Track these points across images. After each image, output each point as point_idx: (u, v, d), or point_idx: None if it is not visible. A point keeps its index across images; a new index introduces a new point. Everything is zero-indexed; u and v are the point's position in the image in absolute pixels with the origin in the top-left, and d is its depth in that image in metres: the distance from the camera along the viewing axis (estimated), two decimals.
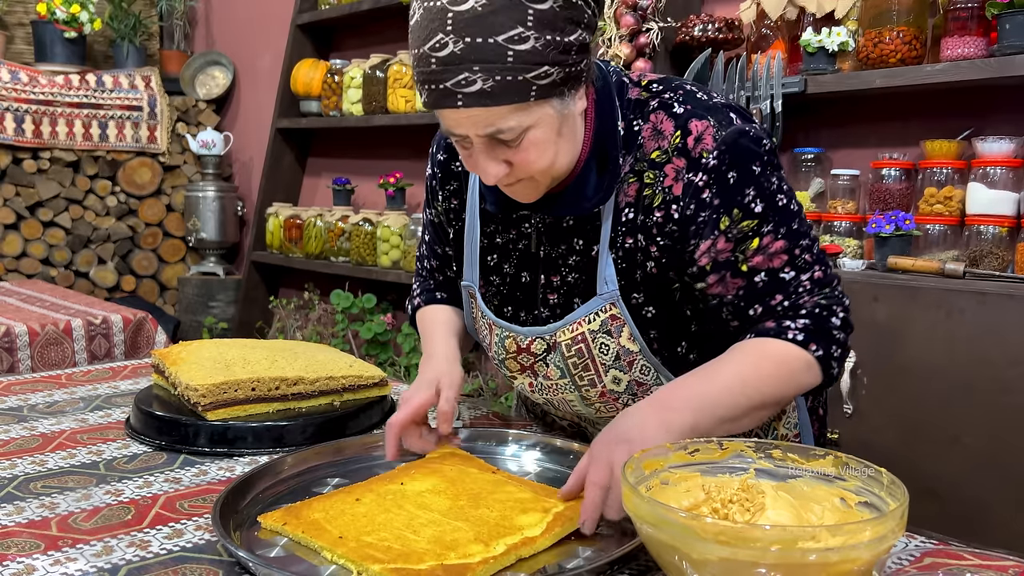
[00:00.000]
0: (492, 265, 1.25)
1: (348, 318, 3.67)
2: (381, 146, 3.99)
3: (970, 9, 2.07)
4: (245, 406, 1.28)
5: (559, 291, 1.19)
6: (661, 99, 1.12)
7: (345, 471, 1.13)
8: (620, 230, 1.13)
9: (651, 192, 1.11)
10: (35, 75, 4.26)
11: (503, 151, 1.03)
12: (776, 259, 1.09)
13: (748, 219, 1.08)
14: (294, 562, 0.89)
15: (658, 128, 1.11)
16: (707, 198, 1.08)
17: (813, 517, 0.83)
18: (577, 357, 1.18)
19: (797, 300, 1.10)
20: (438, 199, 1.31)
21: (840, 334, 1.10)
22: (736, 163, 1.07)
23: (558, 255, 1.19)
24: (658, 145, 1.10)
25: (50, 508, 1.01)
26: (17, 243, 4.22)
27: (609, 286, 1.14)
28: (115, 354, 2.66)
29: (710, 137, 1.07)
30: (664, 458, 0.90)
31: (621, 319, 1.14)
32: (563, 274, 1.19)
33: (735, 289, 1.11)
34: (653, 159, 1.10)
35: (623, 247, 1.13)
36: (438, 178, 1.31)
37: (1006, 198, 2.07)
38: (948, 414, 1.92)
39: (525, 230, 1.21)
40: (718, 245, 1.09)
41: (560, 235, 1.18)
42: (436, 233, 1.36)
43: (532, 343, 1.21)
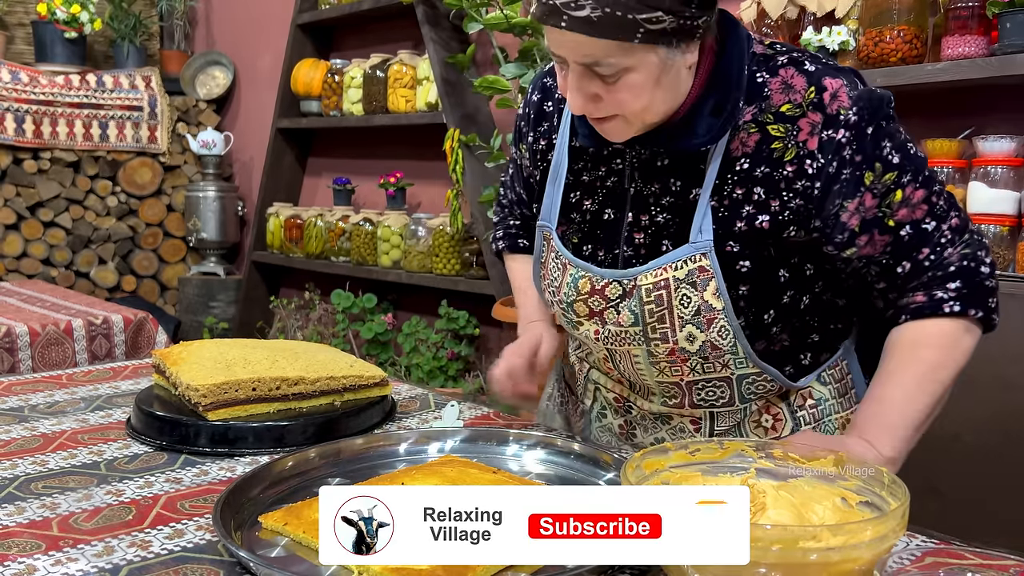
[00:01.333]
0: (573, 202, 1.23)
1: (349, 318, 3.67)
2: (381, 146, 3.99)
3: (971, 8, 2.07)
4: (246, 406, 1.28)
5: (647, 231, 1.16)
6: (790, 56, 1.12)
7: (346, 471, 1.13)
8: (730, 178, 1.11)
9: (781, 145, 1.09)
10: (35, 75, 4.26)
11: (596, 84, 1.03)
12: (918, 210, 1.10)
13: (889, 171, 1.08)
14: (295, 562, 0.89)
15: (788, 83, 1.09)
16: (848, 155, 1.07)
17: (814, 517, 0.83)
18: (655, 304, 1.13)
19: (942, 253, 1.10)
20: (526, 140, 1.32)
21: (991, 282, 1.11)
22: (872, 119, 1.08)
23: (650, 193, 1.16)
24: (789, 99, 1.09)
25: (51, 508, 1.01)
26: (18, 243, 4.22)
27: (704, 235, 1.11)
28: (116, 354, 2.67)
29: (844, 95, 1.08)
30: (665, 458, 0.90)
31: (709, 272, 1.11)
32: (652, 214, 1.16)
33: (883, 247, 1.11)
34: (783, 112, 1.09)
35: (730, 195, 1.11)
36: (529, 119, 1.31)
37: (1007, 197, 2.07)
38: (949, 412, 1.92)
39: (616, 166, 1.19)
40: (865, 203, 1.09)
41: (655, 173, 1.16)
42: (519, 173, 1.40)
43: (608, 286, 1.17)
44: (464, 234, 3.31)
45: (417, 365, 3.39)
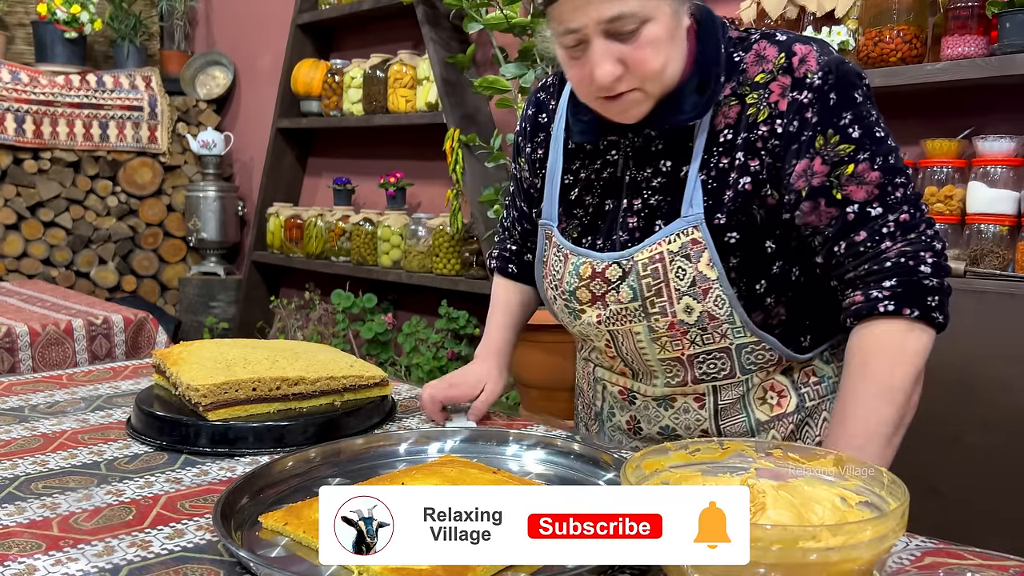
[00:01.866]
0: (574, 199, 1.29)
1: (349, 318, 3.67)
2: (381, 146, 3.99)
3: (970, 8, 2.07)
4: (246, 406, 1.28)
5: (640, 214, 1.21)
6: (763, 32, 1.19)
7: (346, 471, 1.13)
8: (715, 151, 1.16)
9: (755, 109, 1.14)
10: (36, 75, 4.26)
11: (618, 49, 1.07)
12: (868, 190, 1.10)
13: (845, 143, 1.10)
14: (295, 562, 0.89)
15: (761, 54, 1.16)
16: (808, 116, 1.11)
17: (814, 517, 0.83)
18: (652, 278, 1.18)
19: (879, 244, 1.10)
20: (524, 152, 1.39)
21: (932, 281, 1.09)
22: (837, 86, 1.11)
23: (643, 178, 1.21)
24: (762, 68, 1.15)
25: (51, 508, 1.01)
26: (18, 243, 4.22)
27: (694, 208, 1.15)
28: (116, 354, 2.67)
29: (813, 60, 1.12)
30: (665, 458, 0.90)
31: (702, 243, 1.15)
32: (645, 197, 1.21)
33: (828, 219, 1.12)
34: (757, 81, 1.14)
35: (716, 167, 1.16)
36: (526, 132, 1.38)
37: (1007, 197, 2.07)
38: (949, 413, 1.92)
39: (612, 157, 1.25)
40: (814, 167, 1.11)
41: (648, 157, 1.21)
42: (519, 187, 1.44)
43: (608, 268, 1.21)
44: (464, 234, 3.31)
45: (417, 365, 3.39)
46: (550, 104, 1.35)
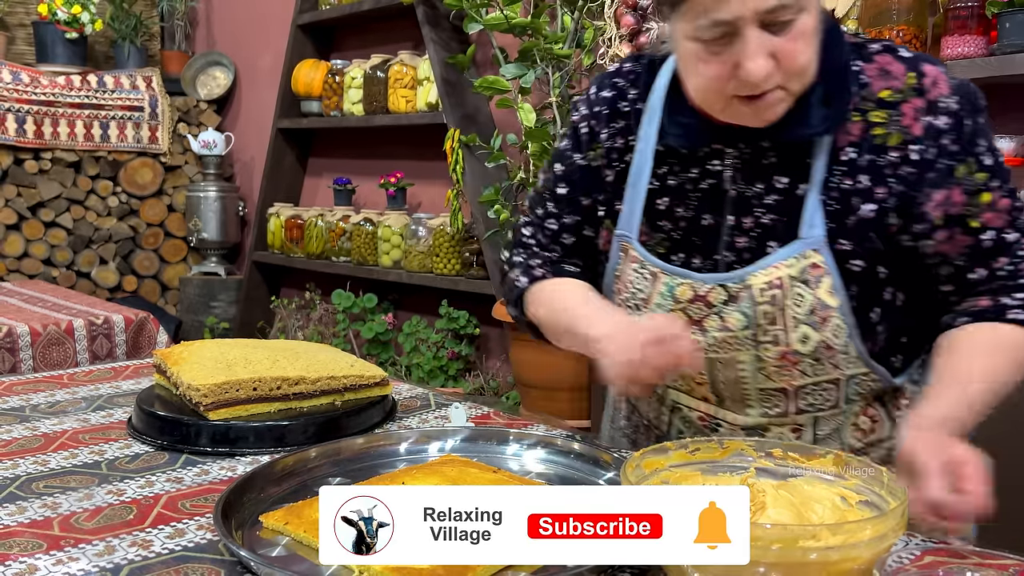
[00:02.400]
0: (662, 209, 1.16)
1: (349, 318, 3.67)
2: (382, 146, 3.99)
3: (970, 8, 2.07)
4: (247, 406, 1.28)
5: (750, 233, 1.11)
6: (883, 43, 1.11)
7: (346, 470, 1.13)
8: (837, 169, 1.07)
9: (884, 131, 1.07)
10: (36, 76, 4.26)
11: (769, 41, 0.98)
12: (1001, 218, 1.07)
13: (981, 171, 1.06)
14: (296, 561, 0.89)
15: (885, 69, 1.08)
16: (946, 143, 1.06)
17: (814, 516, 0.83)
18: (769, 304, 1.08)
19: (1018, 265, 1.07)
20: (598, 139, 1.22)
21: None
22: (972, 112, 1.07)
23: (754, 194, 1.11)
24: (888, 85, 1.07)
25: (52, 508, 1.01)
26: (19, 243, 4.23)
27: (816, 230, 1.07)
28: (117, 354, 2.67)
29: (945, 83, 1.07)
30: (665, 457, 0.90)
31: (823, 268, 1.07)
32: (757, 215, 1.11)
33: (962, 248, 1.07)
34: (883, 98, 1.07)
35: (839, 187, 1.07)
36: (602, 116, 1.22)
37: None
38: None
39: (713, 167, 1.13)
40: (953, 197, 1.06)
41: (760, 171, 1.11)
42: (589, 180, 1.23)
43: (711, 291, 1.10)
44: (464, 234, 3.32)
45: (417, 365, 3.39)
46: (629, 93, 1.20)
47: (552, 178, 1.27)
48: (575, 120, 1.26)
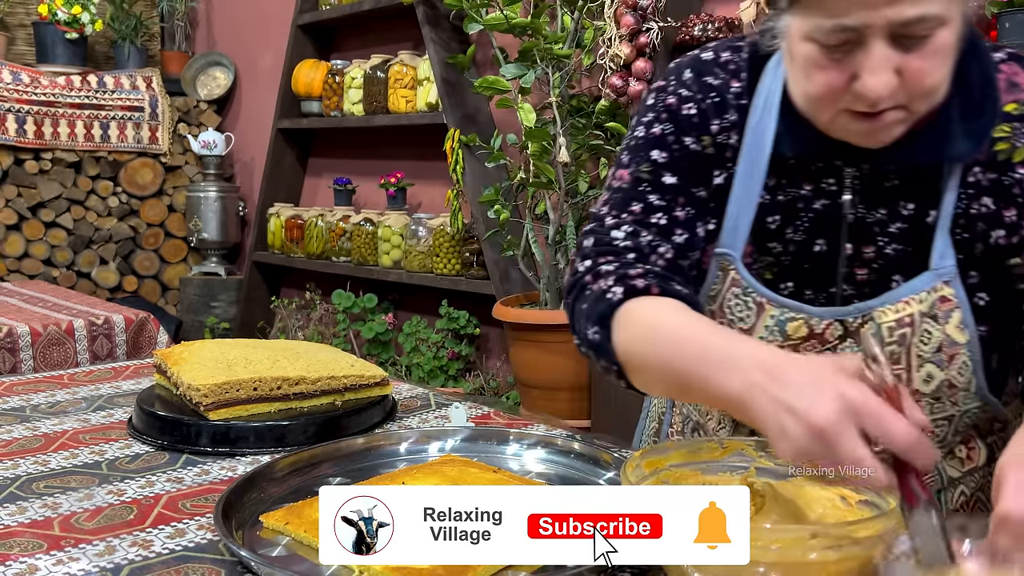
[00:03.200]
0: (772, 229, 1.01)
1: (349, 318, 3.68)
2: (382, 146, 3.99)
3: None
4: (247, 406, 1.28)
5: (871, 265, 0.99)
6: (1009, 52, 0.98)
7: (347, 470, 1.13)
8: (966, 193, 0.96)
9: (1008, 146, 0.94)
10: (36, 76, 4.26)
11: (897, 56, 0.85)
12: None
13: None
14: (296, 561, 0.89)
15: (1012, 80, 0.96)
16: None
17: (813, 516, 0.83)
18: (898, 344, 0.96)
19: None
20: (710, 126, 1.03)
21: None
22: None
23: (876, 220, 0.99)
24: (1016, 98, 0.95)
25: (52, 508, 1.01)
26: (19, 244, 4.23)
27: (946, 260, 0.96)
28: (117, 354, 2.67)
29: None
30: (665, 457, 0.90)
31: (952, 302, 0.96)
32: (880, 244, 0.99)
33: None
34: (1007, 111, 0.95)
35: (966, 214, 0.96)
36: (713, 101, 1.03)
37: None
38: None
39: (827, 186, 0.99)
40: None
41: (881, 195, 0.98)
42: (700, 167, 1.04)
43: (828, 328, 0.98)
44: (464, 234, 3.32)
45: (418, 365, 3.39)
46: (733, 85, 1.04)
47: (651, 168, 1.04)
48: (671, 103, 1.05)
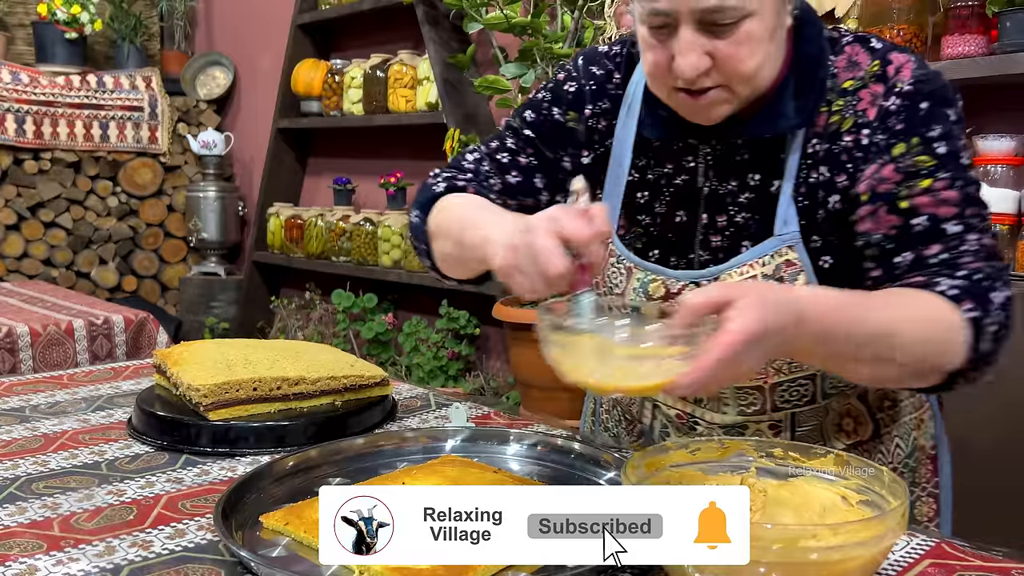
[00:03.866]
0: (641, 203, 1.14)
1: (349, 318, 3.67)
2: (382, 146, 3.99)
3: (970, 7, 2.07)
4: (247, 406, 1.28)
5: (724, 233, 1.09)
6: (856, 36, 1.07)
7: (347, 471, 1.13)
8: (804, 163, 1.04)
9: (839, 118, 1.03)
10: (36, 76, 4.26)
11: (709, 42, 0.95)
12: (944, 207, 0.97)
13: (926, 155, 0.98)
14: (296, 562, 0.89)
15: (853, 59, 1.05)
16: (892, 123, 1.00)
17: (814, 516, 0.83)
18: None
19: (958, 259, 0.96)
20: (583, 108, 1.17)
21: (1001, 313, 0.94)
22: (932, 97, 1.00)
23: (727, 192, 1.08)
24: (852, 75, 1.04)
25: (52, 508, 1.01)
26: (18, 244, 4.23)
27: (789, 226, 1.04)
28: (117, 354, 2.67)
29: (909, 69, 1.02)
30: (665, 457, 0.90)
31: (797, 265, 1.04)
32: (731, 213, 1.08)
33: (887, 227, 0.99)
34: (845, 88, 1.03)
35: (806, 182, 1.04)
36: (590, 88, 1.17)
37: (1007, 196, 2.07)
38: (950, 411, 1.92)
39: (686, 163, 1.11)
40: (883, 172, 0.99)
41: (732, 169, 1.08)
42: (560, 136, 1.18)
43: (684, 288, 1.09)
44: None
45: (418, 365, 3.39)
46: (615, 76, 1.17)
47: (520, 122, 1.21)
48: (559, 78, 1.21)
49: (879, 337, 0.89)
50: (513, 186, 1.19)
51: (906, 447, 1.20)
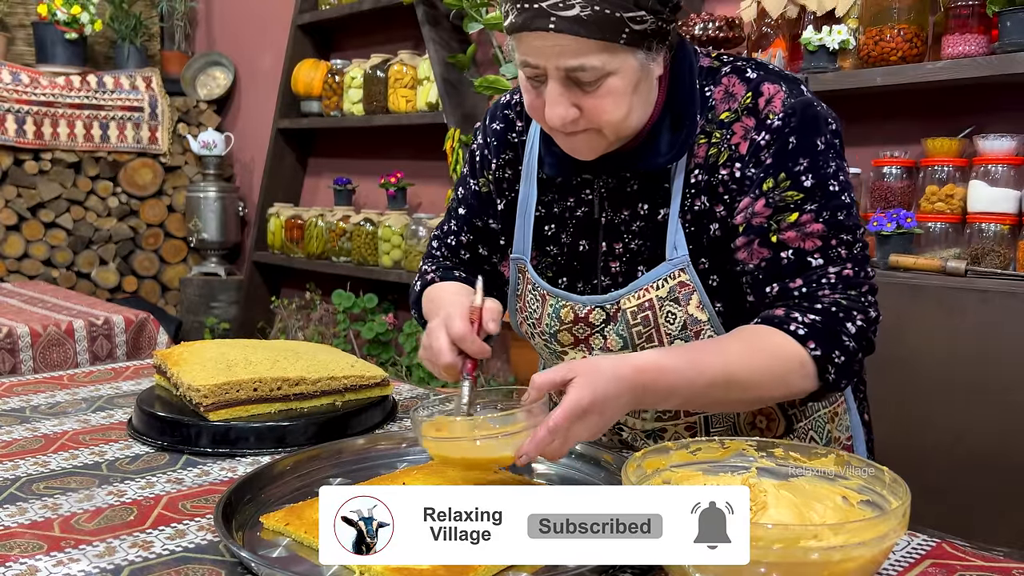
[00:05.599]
0: (549, 235, 1.23)
1: (350, 318, 3.67)
2: (382, 146, 3.99)
3: (971, 7, 2.07)
4: (247, 406, 1.28)
5: (621, 259, 1.17)
6: (734, 65, 1.13)
7: (347, 471, 1.13)
8: (687, 192, 1.12)
9: (716, 151, 1.10)
10: (36, 76, 4.26)
11: (576, 95, 1.02)
12: (809, 241, 1.06)
13: (794, 190, 1.06)
14: (296, 562, 0.89)
15: (730, 91, 1.11)
16: (763, 157, 1.07)
17: (815, 516, 0.83)
18: (643, 326, 1.14)
19: (816, 291, 1.06)
20: (489, 167, 1.29)
21: (850, 342, 1.04)
22: (799, 130, 1.06)
23: (621, 221, 1.17)
24: (728, 107, 1.10)
25: (52, 509, 1.01)
26: (19, 244, 4.22)
27: (679, 251, 1.12)
28: (117, 355, 2.67)
29: (779, 100, 1.07)
30: (666, 457, 0.90)
31: (690, 286, 1.12)
32: (626, 241, 1.17)
33: (758, 259, 1.08)
34: (722, 119, 1.10)
35: (691, 210, 1.12)
36: (492, 146, 1.29)
37: (1007, 196, 2.07)
38: (951, 412, 1.92)
39: (585, 196, 1.19)
40: (756, 207, 1.07)
41: (624, 200, 1.16)
42: (481, 204, 1.32)
43: (591, 312, 1.18)
44: None
45: (418, 365, 3.39)
46: (517, 124, 1.28)
47: (455, 200, 1.36)
48: (472, 148, 1.33)
49: (719, 384, 1.00)
50: (466, 261, 1.36)
51: (820, 439, 1.25)
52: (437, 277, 1.33)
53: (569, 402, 0.91)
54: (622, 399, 0.95)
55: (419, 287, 1.35)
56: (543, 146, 1.19)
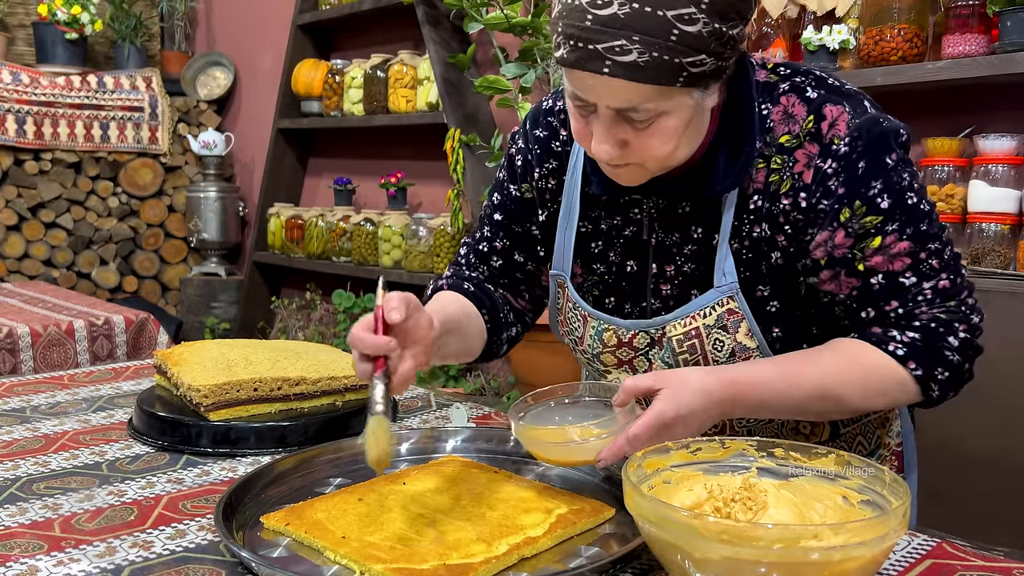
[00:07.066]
0: (596, 253, 1.19)
1: (350, 318, 3.67)
2: (382, 146, 3.99)
3: (971, 7, 2.07)
4: (247, 406, 1.28)
5: (673, 282, 1.14)
6: (792, 82, 1.07)
7: (347, 471, 1.13)
8: (746, 218, 1.08)
9: (778, 178, 1.05)
10: (36, 76, 4.26)
11: (625, 130, 0.99)
12: (897, 261, 1.03)
13: (872, 214, 1.02)
14: (297, 562, 0.89)
15: (789, 112, 1.05)
16: (833, 186, 1.02)
17: (815, 516, 0.83)
18: (689, 353, 1.11)
19: (914, 309, 1.03)
20: (532, 175, 1.24)
21: (954, 356, 1.02)
22: (868, 152, 1.02)
23: (672, 243, 1.13)
24: (788, 129, 1.05)
25: (53, 509, 1.01)
26: (19, 244, 4.23)
27: (727, 278, 1.08)
28: (117, 355, 2.67)
29: (844, 124, 1.02)
30: (666, 457, 0.90)
31: (739, 313, 1.08)
32: (679, 264, 1.13)
33: (848, 289, 1.05)
34: (782, 144, 1.05)
35: (749, 236, 1.08)
36: (535, 154, 1.23)
37: (1008, 195, 2.07)
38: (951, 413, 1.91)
39: (634, 216, 1.15)
40: (836, 239, 1.03)
41: (675, 222, 1.13)
42: (522, 209, 1.26)
43: (635, 337, 1.15)
44: (465, 234, 3.32)
45: None
46: (561, 133, 1.22)
47: (490, 206, 1.31)
48: (511, 152, 1.28)
49: (813, 397, 1.02)
50: (497, 268, 1.30)
51: (868, 444, 1.22)
52: (446, 286, 1.29)
53: (652, 415, 0.94)
54: (709, 412, 0.97)
55: (429, 293, 1.32)
56: (588, 164, 1.15)
